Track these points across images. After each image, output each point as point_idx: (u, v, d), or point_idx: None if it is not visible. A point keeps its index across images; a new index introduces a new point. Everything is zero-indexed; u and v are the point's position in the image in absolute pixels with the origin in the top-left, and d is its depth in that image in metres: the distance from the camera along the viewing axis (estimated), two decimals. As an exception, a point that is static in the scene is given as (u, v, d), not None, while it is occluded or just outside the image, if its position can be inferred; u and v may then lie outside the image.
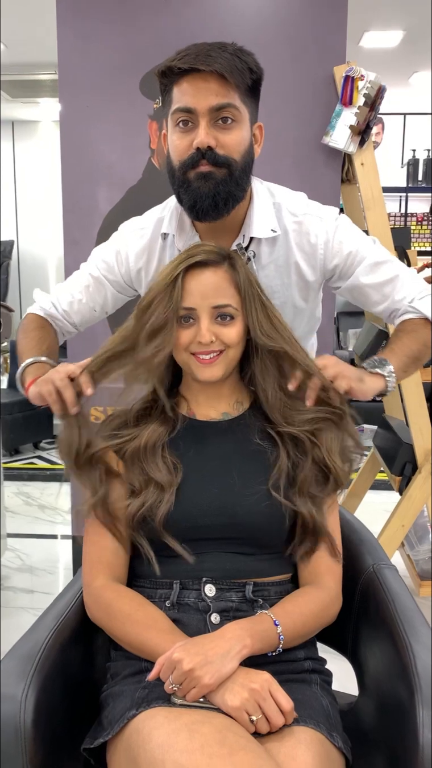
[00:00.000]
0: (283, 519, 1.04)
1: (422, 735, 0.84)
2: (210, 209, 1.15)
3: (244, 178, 1.17)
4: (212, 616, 0.99)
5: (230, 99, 1.10)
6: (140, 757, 0.83)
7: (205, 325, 1.04)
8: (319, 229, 1.24)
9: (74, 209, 2.11)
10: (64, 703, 0.99)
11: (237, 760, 0.76)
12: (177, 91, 1.12)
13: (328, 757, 0.88)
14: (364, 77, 1.89)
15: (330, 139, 1.94)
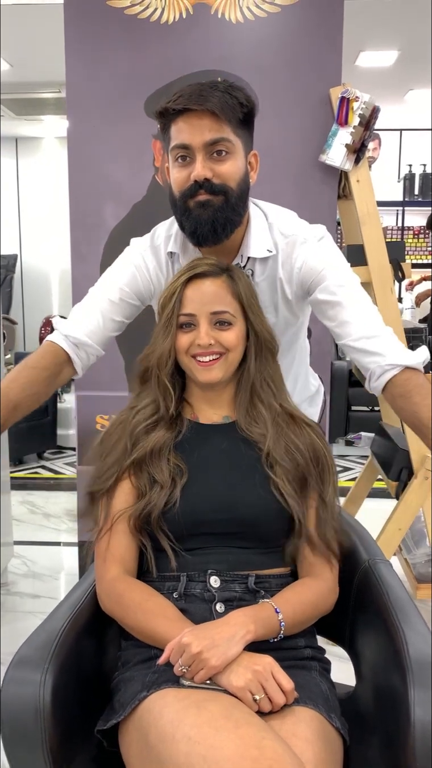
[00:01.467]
0: (281, 514, 1.11)
1: (413, 713, 0.90)
2: (209, 234, 1.23)
3: (241, 204, 1.25)
4: (217, 605, 1.06)
5: (223, 133, 1.19)
6: (151, 734, 0.89)
7: (204, 329, 1.13)
8: (300, 251, 1.31)
9: (81, 225, 2.19)
10: (79, 689, 1.05)
11: (242, 732, 0.82)
12: (174, 129, 1.21)
13: (326, 735, 0.94)
14: (359, 98, 1.98)
15: (327, 157, 2.02)
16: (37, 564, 2.93)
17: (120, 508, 1.13)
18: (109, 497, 1.14)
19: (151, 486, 1.11)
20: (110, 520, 1.13)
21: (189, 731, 0.84)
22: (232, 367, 1.16)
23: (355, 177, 2.04)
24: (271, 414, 1.17)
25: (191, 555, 1.10)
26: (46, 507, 3.66)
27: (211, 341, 1.13)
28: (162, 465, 1.12)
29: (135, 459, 1.13)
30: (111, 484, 1.13)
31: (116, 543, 1.12)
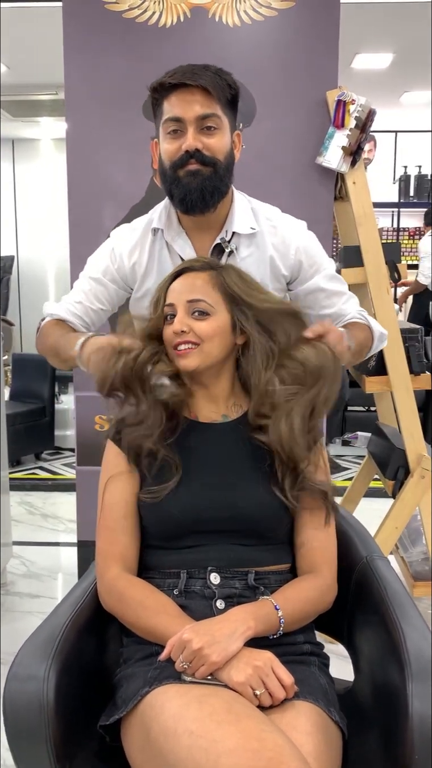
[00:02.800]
0: (280, 511, 1.12)
1: (411, 706, 0.92)
2: (198, 201, 1.30)
3: (227, 175, 1.33)
4: (217, 602, 1.07)
5: (213, 110, 1.28)
6: (153, 729, 0.91)
7: (179, 317, 1.14)
8: (292, 235, 1.42)
9: (80, 227, 2.20)
10: (81, 685, 1.07)
11: (243, 725, 0.84)
12: (167, 104, 1.29)
13: (326, 728, 0.96)
14: (355, 101, 2.00)
15: (323, 159, 2.04)
16: (35, 564, 2.94)
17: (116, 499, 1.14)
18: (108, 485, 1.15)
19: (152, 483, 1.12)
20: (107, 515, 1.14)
21: (191, 725, 0.86)
22: (210, 358, 1.14)
23: (351, 179, 2.06)
24: (269, 398, 1.14)
25: (191, 552, 1.12)
26: (45, 508, 3.67)
27: (185, 328, 1.13)
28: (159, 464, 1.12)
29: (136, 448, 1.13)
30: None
31: (116, 540, 1.14)
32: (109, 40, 2.12)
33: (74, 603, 1.14)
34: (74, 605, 1.13)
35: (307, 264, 1.43)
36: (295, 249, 1.41)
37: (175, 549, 1.13)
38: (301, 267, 1.42)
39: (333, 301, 1.45)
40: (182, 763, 0.84)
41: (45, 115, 5.50)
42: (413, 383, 2.16)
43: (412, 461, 2.17)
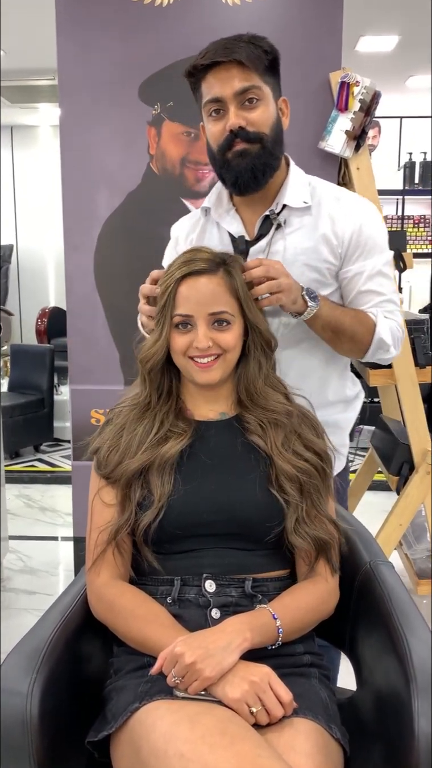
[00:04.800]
0: (279, 513, 1.06)
1: (417, 724, 0.86)
2: (250, 182, 1.27)
3: (277, 148, 1.28)
4: (212, 611, 1.02)
5: (252, 81, 1.22)
6: (143, 748, 0.85)
7: (202, 331, 1.07)
8: (355, 211, 1.33)
9: (74, 215, 2.14)
10: (69, 698, 1.02)
11: (238, 749, 0.79)
12: (204, 86, 1.25)
13: (326, 747, 0.90)
14: (359, 83, 1.92)
15: (326, 143, 1.97)
16: (32, 559, 2.89)
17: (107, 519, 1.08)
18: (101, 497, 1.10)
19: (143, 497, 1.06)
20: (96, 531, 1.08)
21: (182, 747, 0.80)
22: (230, 366, 1.12)
23: (355, 164, 1.99)
24: (273, 411, 1.11)
25: (186, 557, 1.06)
26: (43, 501, 3.63)
27: (210, 343, 1.07)
28: (164, 479, 1.06)
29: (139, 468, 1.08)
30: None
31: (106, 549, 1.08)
32: (104, 20, 2.05)
33: (63, 611, 1.08)
34: (63, 613, 1.08)
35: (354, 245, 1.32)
36: (356, 225, 1.32)
37: (169, 554, 1.07)
38: (349, 246, 1.33)
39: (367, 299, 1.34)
40: (172, 789, 0.79)
41: (44, 101, 5.41)
42: (418, 376, 2.09)
43: (417, 457, 2.11)
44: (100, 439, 1.14)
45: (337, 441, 1.43)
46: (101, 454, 1.11)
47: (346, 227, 1.31)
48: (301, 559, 1.10)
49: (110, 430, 1.13)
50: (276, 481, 1.07)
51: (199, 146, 2.06)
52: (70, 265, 2.16)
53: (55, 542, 3.14)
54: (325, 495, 1.11)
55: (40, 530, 3.24)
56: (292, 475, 1.07)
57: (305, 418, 1.15)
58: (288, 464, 1.07)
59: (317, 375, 1.40)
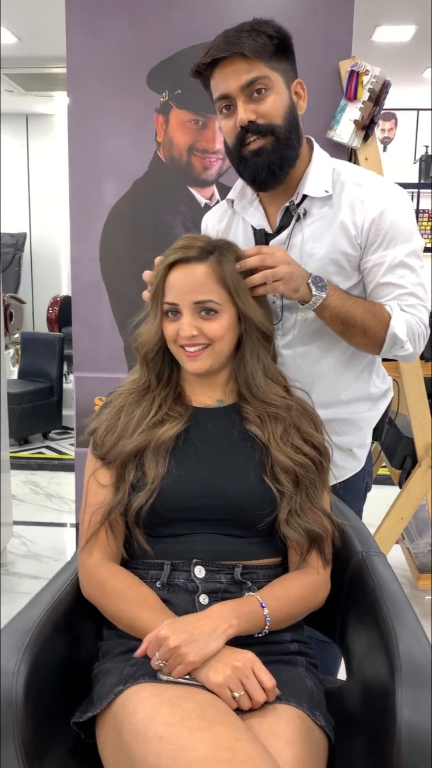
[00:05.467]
0: (273, 502, 1.06)
1: (400, 714, 0.86)
2: (269, 179, 1.25)
3: (292, 137, 1.24)
4: (201, 596, 1.02)
5: (257, 72, 1.18)
6: (125, 730, 0.86)
7: (186, 320, 1.07)
8: (377, 196, 1.26)
9: (81, 202, 2.14)
10: (57, 679, 1.02)
11: (215, 732, 0.79)
12: (213, 83, 1.24)
13: (309, 734, 0.90)
14: (369, 72, 1.90)
15: (334, 133, 1.95)
16: (36, 544, 2.92)
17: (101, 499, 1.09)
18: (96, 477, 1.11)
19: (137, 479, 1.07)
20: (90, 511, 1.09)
21: (161, 730, 0.81)
22: (221, 356, 1.11)
23: (363, 154, 1.97)
24: (272, 405, 1.10)
25: (176, 542, 1.06)
26: (49, 487, 3.65)
27: (194, 332, 1.07)
28: (159, 461, 1.07)
29: (135, 450, 1.08)
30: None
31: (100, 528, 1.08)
32: (113, 6, 2.03)
33: (53, 593, 1.09)
34: (53, 595, 1.08)
35: (375, 234, 1.25)
36: (376, 212, 1.24)
37: (160, 537, 1.07)
38: (369, 235, 1.26)
39: (386, 291, 1.27)
40: (150, 770, 0.79)
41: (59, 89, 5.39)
42: (423, 370, 2.08)
43: (420, 451, 2.10)
44: (97, 420, 1.14)
45: (355, 440, 1.40)
46: (98, 435, 1.12)
47: (366, 215, 1.25)
48: (293, 550, 1.10)
49: (108, 412, 1.14)
50: (271, 471, 1.07)
51: (207, 134, 2.05)
52: (75, 253, 2.17)
53: (60, 528, 3.16)
54: (321, 488, 1.11)
55: (46, 516, 3.26)
56: (289, 468, 1.06)
57: (304, 411, 1.14)
58: (285, 457, 1.07)
59: (335, 372, 1.36)
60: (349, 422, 1.40)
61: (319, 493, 1.10)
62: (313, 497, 1.09)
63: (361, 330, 1.24)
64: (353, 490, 1.46)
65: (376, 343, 1.26)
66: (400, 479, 2.18)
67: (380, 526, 2.14)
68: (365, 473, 1.48)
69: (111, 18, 2.04)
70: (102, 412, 1.16)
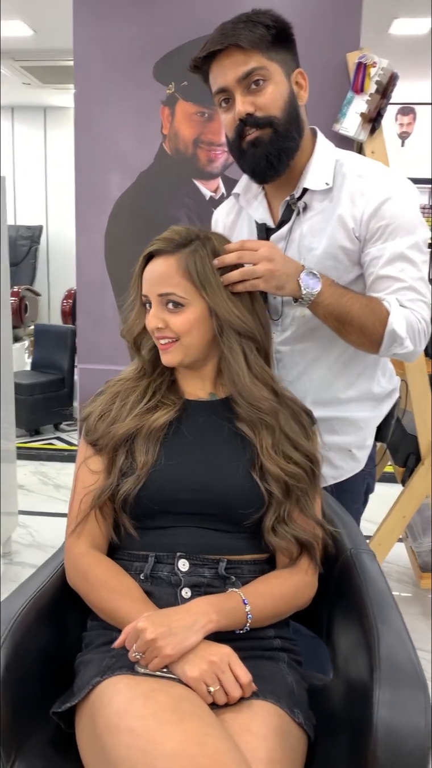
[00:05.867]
0: (260, 500, 1.05)
1: (377, 714, 0.85)
2: (267, 169, 1.22)
3: (292, 129, 1.21)
4: (183, 590, 1.02)
5: (253, 63, 1.16)
6: (99, 722, 0.86)
7: (152, 312, 1.08)
8: (377, 187, 1.22)
9: (86, 195, 2.14)
10: (39, 668, 1.03)
11: (186, 726, 0.78)
12: (211, 77, 1.22)
13: (285, 731, 0.89)
14: (376, 64, 1.87)
15: (340, 126, 1.93)
16: (42, 534, 2.94)
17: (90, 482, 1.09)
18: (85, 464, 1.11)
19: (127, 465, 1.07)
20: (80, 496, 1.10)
21: (133, 722, 0.81)
22: (192, 350, 1.09)
23: (370, 148, 1.94)
24: (259, 410, 1.07)
25: (161, 534, 1.06)
26: (58, 478, 3.67)
27: (160, 324, 1.07)
28: (149, 448, 1.07)
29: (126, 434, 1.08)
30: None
31: (88, 516, 1.09)
32: None
33: (40, 582, 1.10)
34: (39, 584, 1.09)
35: (374, 226, 1.21)
36: (376, 202, 1.20)
37: (146, 529, 1.07)
38: (368, 227, 1.21)
39: (384, 285, 1.21)
40: (120, 762, 0.79)
41: (76, 81, 5.40)
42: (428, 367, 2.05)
43: (424, 448, 2.07)
44: (91, 406, 1.15)
45: (354, 440, 1.38)
46: (90, 421, 1.12)
47: (366, 207, 1.21)
48: (282, 554, 1.08)
49: (102, 399, 1.15)
50: (260, 469, 1.06)
51: (213, 127, 2.04)
52: (80, 245, 2.17)
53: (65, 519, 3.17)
54: (313, 497, 1.09)
55: (53, 507, 3.28)
56: (279, 477, 1.04)
57: (294, 415, 1.11)
58: (276, 466, 1.05)
59: (335, 370, 1.33)
60: (348, 422, 1.37)
61: (311, 502, 1.08)
62: (304, 505, 1.07)
63: (358, 328, 1.18)
64: (351, 491, 1.42)
65: (374, 342, 1.20)
66: (403, 476, 2.16)
67: (382, 524, 2.12)
68: (366, 474, 1.44)
69: (118, 10, 2.04)
70: (96, 399, 1.16)
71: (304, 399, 1.28)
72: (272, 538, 1.05)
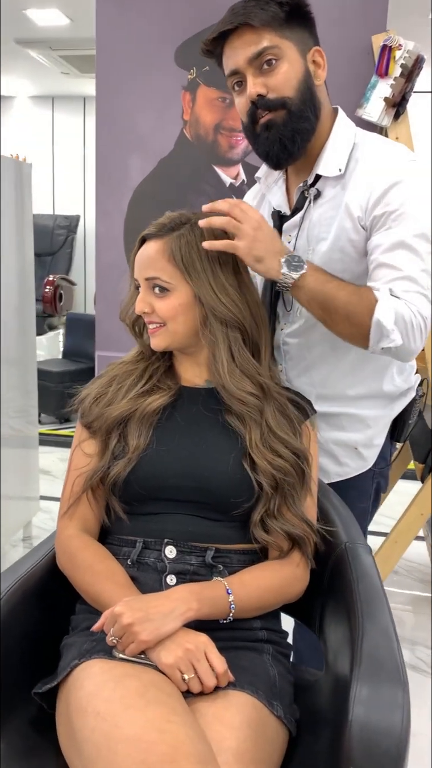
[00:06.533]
0: (250, 489, 1.03)
1: (351, 711, 0.83)
2: (281, 153, 1.18)
3: (307, 109, 1.16)
4: (168, 577, 1.01)
5: (265, 42, 1.12)
6: (71, 704, 0.86)
7: (140, 296, 1.08)
8: (384, 172, 1.15)
9: (106, 181, 2.14)
10: (24, 648, 1.03)
11: (150, 712, 0.77)
12: (223, 60, 1.18)
13: (260, 723, 0.88)
14: (402, 46, 1.81)
15: (363, 111, 1.87)
16: (63, 520, 2.96)
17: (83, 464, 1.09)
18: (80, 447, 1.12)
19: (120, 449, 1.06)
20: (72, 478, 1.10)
21: (100, 706, 0.80)
22: (178, 336, 1.08)
23: (394, 134, 1.88)
24: (244, 404, 1.05)
25: (150, 520, 1.05)
26: (84, 465, 3.70)
27: (146, 308, 1.07)
28: (142, 431, 1.06)
29: (120, 417, 1.08)
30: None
31: (80, 500, 1.09)
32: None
33: (31, 563, 1.10)
34: (30, 565, 1.10)
35: (380, 213, 1.13)
36: (383, 187, 1.13)
37: (136, 515, 1.07)
38: (373, 214, 1.14)
39: (380, 274, 1.12)
40: (85, 745, 0.79)
41: (114, 71, 5.40)
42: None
43: (443, 444, 2.01)
44: (88, 389, 1.15)
45: (360, 438, 1.33)
46: (86, 404, 1.12)
47: (372, 192, 1.14)
48: (272, 549, 1.06)
49: (100, 382, 1.15)
50: (250, 461, 1.04)
51: (234, 112, 2.01)
52: (100, 232, 2.17)
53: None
54: (301, 493, 1.06)
55: (76, 493, 3.31)
56: (267, 472, 1.02)
57: (282, 410, 1.08)
58: (263, 460, 1.03)
59: (341, 367, 1.29)
60: (356, 418, 1.33)
61: (298, 498, 1.05)
62: (291, 502, 1.04)
63: (344, 316, 1.10)
64: (358, 489, 1.38)
65: (362, 334, 1.10)
66: (423, 473, 2.10)
67: (399, 521, 2.07)
68: (375, 474, 1.39)
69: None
70: (94, 382, 1.16)
71: (310, 393, 1.26)
72: (260, 533, 1.03)
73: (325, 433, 1.34)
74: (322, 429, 1.34)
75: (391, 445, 1.44)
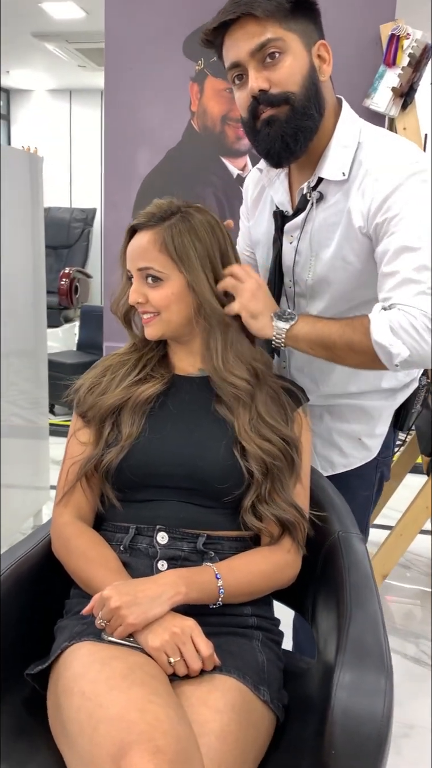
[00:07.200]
0: (241, 476, 1.04)
1: (334, 696, 0.83)
2: (282, 151, 1.13)
3: (311, 106, 1.11)
4: (159, 562, 1.02)
5: (269, 34, 1.06)
6: (59, 685, 0.88)
7: (133, 286, 1.08)
8: (387, 179, 1.09)
9: (115, 172, 2.15)
10: (18, 631, 1.05)
11: (132, 693, 0.79)
12: (224, 51, 1.13)
13: (245, 707, 0.88)
14: (410, 36, 1.79)
15: (371, 101, 1.86)
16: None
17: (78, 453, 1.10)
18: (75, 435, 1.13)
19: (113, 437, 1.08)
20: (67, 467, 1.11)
21: (85, 686, 0.82)
22: (172, 325, 1.08)
23: (401, 124, 1.87)
24: (237, 388, 1.06)
25: (143, 507, 1.07)
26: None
27: (140, 299, 1.07)
28: (135, 419, 1.07)
29: (114, 405, 1.09)
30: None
31: (75, 487, 1.10)
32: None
33: (26, 549, 1.12)
34: (25, 551, 1.11)
35: (382, 219, 1.09)
36: (386, 191, 1.08)
37: (129, 502, 1.08)
38: (375, 221, 1.10)
39: (386, 283, 1.08)
40: (69, 723, 0.80)
41: (131, 64, 5.41)
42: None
43: (450, 437, 2.00)
44: (83, 378, 1.16)
45: (364, 429, 1.34)
46: (80, 393, 1.13)
47: (374, 200, 1.09)
48: (264, 535, 1.07)
49: (95, 372, 1.16)
50: (241, 449, 1.05)
51: (241, 103, 2.01)
52: (108, 223, 2.19)
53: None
54: (290, 479, 1.06)
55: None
56: (257, 457, 1.03)
57: (275, 395, 1.09)
58: (252, 444, 1.03)
59: (339, 368, 1.27)
60: (358, 409, 1.33)
61: (287, 484, 1.06)
62: (280, 488, 1.04)
63: (346, 347, 1.08)
64: (362, 478, 1.39)
65: (372, 359, 1.06)
66: (429, 466, 2.09)
67: (404, 514, 2.07)
68: (379, 463, 1.40)
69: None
70: (89, 372, 1.17)
71: (313, 389, 1.28)
72: (250, 519, 1.04)
73: (329, 424, 1.35)
74: (326, 420, 1.35)
75: (395, 434, 1.44)
